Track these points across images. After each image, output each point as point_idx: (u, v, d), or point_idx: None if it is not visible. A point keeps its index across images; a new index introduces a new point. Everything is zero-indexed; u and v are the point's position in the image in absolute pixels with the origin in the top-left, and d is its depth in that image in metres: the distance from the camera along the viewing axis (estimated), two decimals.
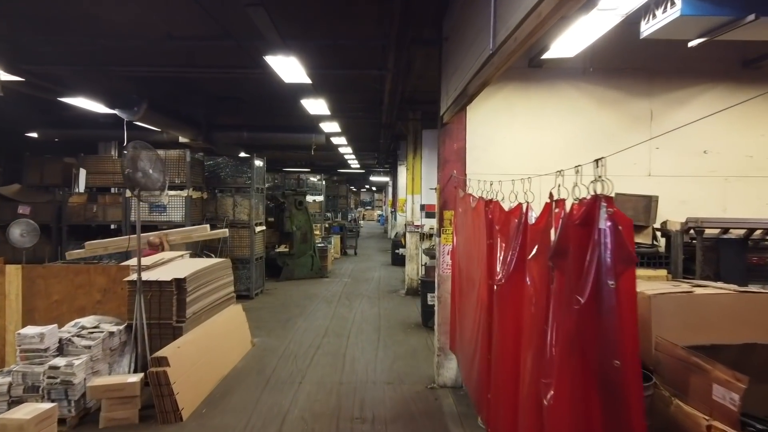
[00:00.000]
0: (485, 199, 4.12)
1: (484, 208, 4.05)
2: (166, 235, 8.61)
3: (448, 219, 6.19)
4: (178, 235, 8.88)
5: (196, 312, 6.36)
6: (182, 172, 10.42)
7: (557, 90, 6.15)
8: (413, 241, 12.37)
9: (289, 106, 11.18)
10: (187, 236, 8.73)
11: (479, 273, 4.39)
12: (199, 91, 10.84)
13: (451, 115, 5.77)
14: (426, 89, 10.37)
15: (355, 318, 9.85)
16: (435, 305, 6.49)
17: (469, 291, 4.96)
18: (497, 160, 6.19)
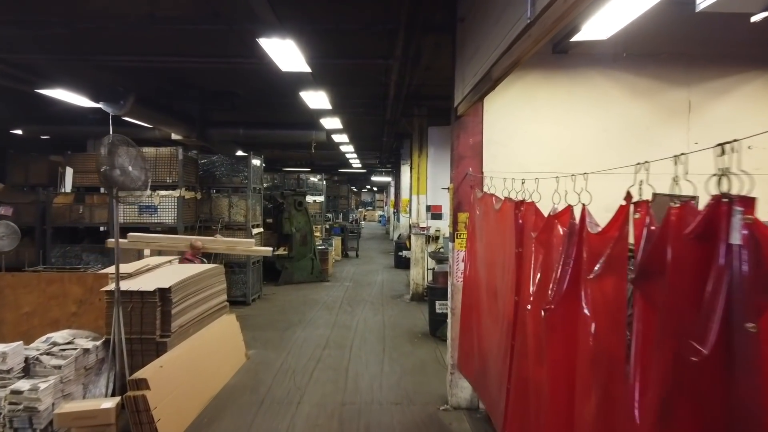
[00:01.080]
0: (514, 200, 3.49)
1: (513, 211, 3.43)
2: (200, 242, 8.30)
3: (462, 222, 5.57)
4: (221, 245, 8.59)
5: (183, 325, 5.73)
6: (174, 170, 9.81)
7: (585, 79, 5.53)
8: (419, 244, 11.75)
9: (288, 102, 10.57)
10: (231, 248, 8.46)
11: (504, 286, 3.77)
12: (193, 86, 10.23)
13: (468, 106, 5.14)
14: (433, 82, 9.76)
15: (357, 326, 9.23)
16: (448, 318, 5.87)
17: (489, 305, 4.34)
18: (518, 157, 5.56)
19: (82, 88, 7.76)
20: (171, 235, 9.27)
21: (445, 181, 12.58)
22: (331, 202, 28.15)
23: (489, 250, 4.43)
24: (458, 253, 5.59)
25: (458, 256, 5.59)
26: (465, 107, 5.22)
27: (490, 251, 4.34)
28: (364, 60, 7.30)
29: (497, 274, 4.05)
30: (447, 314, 8.71)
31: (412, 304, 11.33)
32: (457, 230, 5.59)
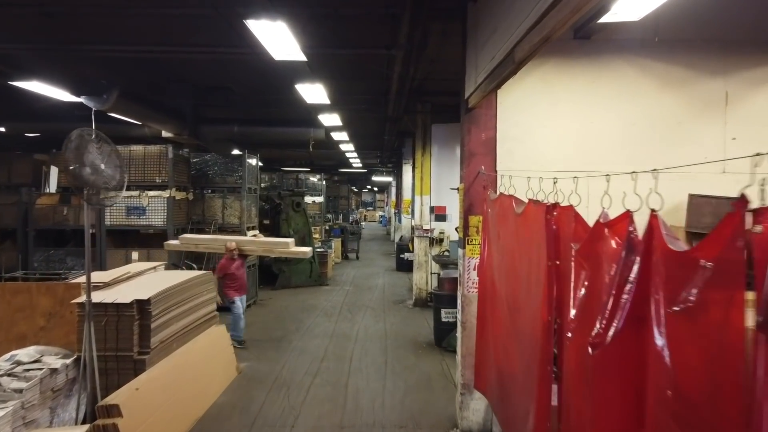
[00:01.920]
0: (543, 202, 2.94)
1: (543, 215, 2.88)
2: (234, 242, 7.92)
3: (474, 226, 5.02)
4: (257, 247, 8.16)
5: (164, 339, 5.19)
6: (163, 170, 9.27)
7: (610, 67, 4.98)
8: (422, 247, 11.20)
9: (285, 98, 10.02)
10: (268, 249, 8.09)
11: (530, 302, 3.22)
12: (185, 80, 9.69)
13: (480, 97, 4.60)
14: (439, 76, 9.23)
15: (358, 335, 8.68)
16: (457, 331, 5.32)
17: (512, 322, 3.79)
18: (535, 154, 5.02)
19: (62, 80, 7.23)
20: (218, 236, 8.91)
21: (449, 182, 12.08)
22: (331, 202, 27.63)
23: (509, 259, 3.88)
24: (469, 261, 5.04)
25: (469, 264, 5.04)
26: (477, 98, 4.67)
27: (511, 260, 3.79)
28: (365, 50, 6.75)
29: (520, 287, 3.50)
30: (454, 323, 8.19)
31: (415, 310, 10.79)
32: (468, 235, 5.04)
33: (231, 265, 7.88)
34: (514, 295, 3.70)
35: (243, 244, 8.09)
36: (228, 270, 7.87)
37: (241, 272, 8.03)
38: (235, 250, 7.89)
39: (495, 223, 4.34)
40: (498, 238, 4.25)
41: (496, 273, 4.29)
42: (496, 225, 4.30)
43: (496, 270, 4.26)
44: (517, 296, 3.60)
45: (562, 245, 2.66)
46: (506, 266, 3.98)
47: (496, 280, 4.30)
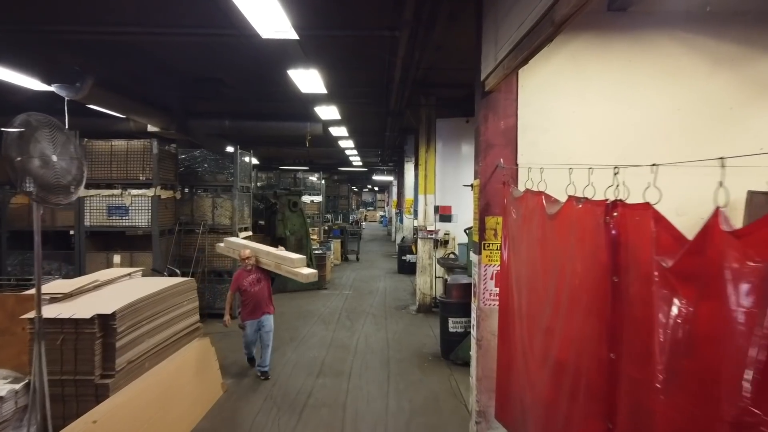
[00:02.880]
0: (601, 200, 2.25)
1: (599, 217, 2.19)
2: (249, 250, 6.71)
3: (492, 229, 4.33)
4: (271, 261, 6.55)
5: (134, 359, 4.50)
6: (148, 166, 8.57)
7: (649, 44, 4.28)
8: (426, 249, 10.51)
9: (280, 92, 9.36)
10: (278, 265, 6.39)
11: (577, 329, 2.54)
12: (170, 71, 9.00)
13: (501, 77, 3.91)
14: (445, 65, 8.53)
15: (357, 346, 7.99)
16: (471, 349, 4.63)
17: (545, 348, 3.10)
18: (562, 145, 4.33)
19: (31, 67, 6.53)
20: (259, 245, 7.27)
21: (455, 180, 11.40)
22: (331, 202, 26.95)
23: (538, 269, 3.19)
24: (486, 269, 4.35)
25: (486, 273, 4.35)
26: (496, 80, 3.98)
27: (542, 272, 3.10)
28: (366, 32, 6.06)
29: (557, 306, 2.81)
30: (462, 333, 7.51)
31: (418, 316, 10.10)
32: (484, 239, 4.35)
33: (244, 278, 6.54)
34: (548, 314, 3.01)
35: (260, 253, 6.73)
36: (240, 284, 6.54)
37: (257, 289, 6.52)
38: (250, 258, 6.53)
39: (519, 226, 3.65)
40: (523, 243, 3.56)
41: (522, 285, 3.60)
42: (520, 227, 3.61)
43: (523, 281, 3.57)
44: (553, 317, 2.91)
45: (629, 257, 1.97)
46: (535, 278, 3.29)
47: (522, 294, 3.60)
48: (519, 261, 3.69)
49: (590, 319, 2.31)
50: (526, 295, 3.54)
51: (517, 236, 3.73)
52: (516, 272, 3.77)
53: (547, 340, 3.05)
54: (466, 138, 10.89)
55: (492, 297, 4.30)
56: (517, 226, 3.69)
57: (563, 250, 2.69)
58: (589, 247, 2.31)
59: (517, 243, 3.71)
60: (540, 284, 3.21)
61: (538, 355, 3.33)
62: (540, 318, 3.25)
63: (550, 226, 2.92)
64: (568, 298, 2.68)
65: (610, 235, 2.09)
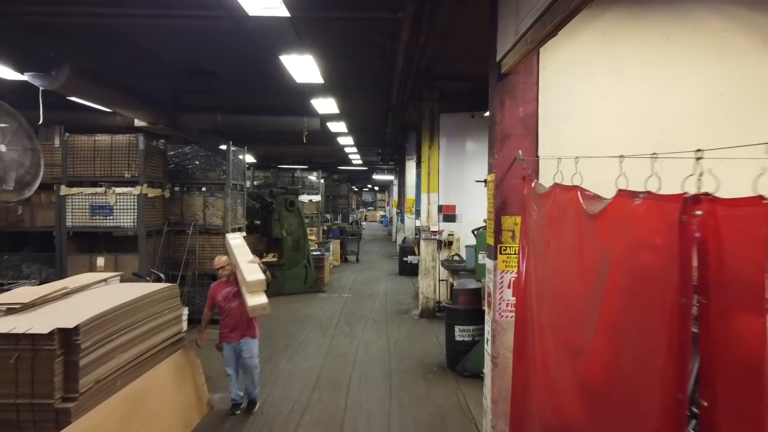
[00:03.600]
0: (676, 195, 1.71)
1: (677, 217, 1.66)
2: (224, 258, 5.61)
3: (509, 230, 3.80)
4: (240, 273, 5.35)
5: (103, 378, 3.97)
6: (133, 163, 8.05)
7: (690, 18, 3.76)
8: (429, 251, 9.99)
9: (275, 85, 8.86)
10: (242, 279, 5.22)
11: (633, 361, 2.01)
12: (159, 62, 8.47)
13: (521, 56, 3.38)
14: (449, 55, 8.01)
15: (357, 355, 7.46)
16: (485, 366, 4.10)
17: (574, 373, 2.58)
18: (590, 135, 3.80)
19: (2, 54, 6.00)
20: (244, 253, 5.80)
21: (459, 178, 10.84)
22: (330, 201, 26.41)
23: (573, 279, 2.66)
24: (503, 276, 3.82)
25: (503, 280, 3.82)
26: (516, 58, 3.45)
27: (579, 282, 2.58)
28: (365, 13, 5.53)
29: (602, 326, 2.28)
30: (470, 342, 6.98)
31: (421, 322, 9.57)
32: (500, 242, 3.82)
33: (220, 291, 5.45)
34: (585, 333, 2.48)
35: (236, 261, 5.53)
36: (215, 299, 5.48)
37: (236, 305, 5.40)
38: (225, 268, 5.41)
39: (544, 227, 3.12)
40: (548, 247, 3.03)
41: (546, 296, 3.07)
42: (545, 229, 3.08)
43: (547, 292, 3.04)
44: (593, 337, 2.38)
45: (725, 271, 1.44)
46: (566, 289, 2.77)
47: (546, 306, 3.08)
48: (542, 268, 3.16)
49: (654, 349, 1.79)
50: (551, 307, 3.02)
51: (540, 239, 3.20)
52: (538, 281, 3.24)
53: (579, 361, 2.53)
54: (471, 134, 10.36)
55: (510, 308, 3.77)
56: (541, 228, 3.16)
57: (611, 258, 2.16)
58: (654, 254, 1.79)
59: (541, 247, 3.18)
60: (573, 297, 2.68)
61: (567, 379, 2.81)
62: (571, 335, 2.73)
63: (589, 228, 2.40)
64: (616, 317, 2.16)
65: (690, 240, 1.57)
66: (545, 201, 3.10)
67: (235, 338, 5.43)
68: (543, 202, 3.14)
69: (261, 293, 4.99)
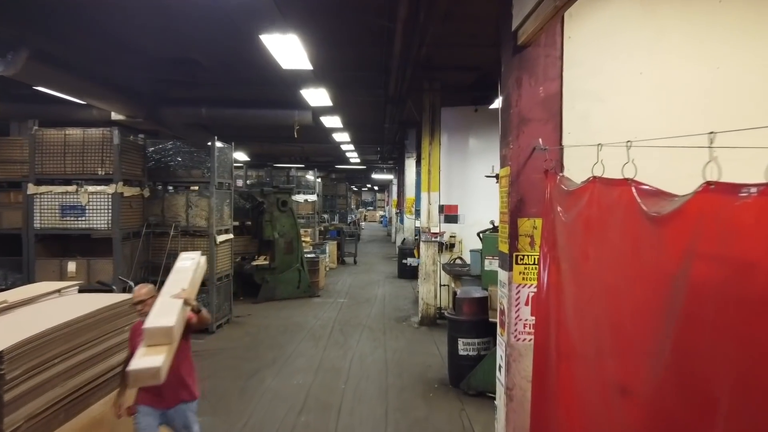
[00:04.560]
0: None
1: None
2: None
3: (527, 235, 3.14)
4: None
5: (38, 413, 3.31)
6: (107, 159, 7.38)
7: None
8: (429, 254, 9.33)
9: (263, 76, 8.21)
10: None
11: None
12: (137, 50, 7.82)
13: (544, 21, 2.72)
14: (451, 41, 7.35)
15: (351, 369, 6.80)
16: (497, 398, 3.44)
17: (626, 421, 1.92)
18: (625, 119, 3.15)
19: None
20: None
21: (462, 176, 10.10)
22: (329, 201, 25.73)
23: (625, 300, 2.00)
24: (519, 291, 3.16)
25: (520, 296, 3.16)
26: (537, 24, 2.79)
27: (633, 305, 1.92)
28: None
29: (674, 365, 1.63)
30: (475, 357, 6.31)
31: (421, 330, 8.91)
32: (517, 249, 3.16)
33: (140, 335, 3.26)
34: (649, 373, 1.82)
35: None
36: (134, 345, 3.42)
37: None
38: (145, 304, 3.45)
39: (578, 232, 2.46)
40: (587, 259, 2.36)
41: (581, 319, 2.41)
42: (581, 234, 2.42)
43: (584, 314, 2.38)
44: (664, 380, 1.72)
45: None
46: (614, 312, 2.11)
47: (581, 331, 2.42)
48: (575, 283, 2.50)
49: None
50: (588, 332, 2.36)
51: (571, 247, 2.54)
52: (568, 298, 2.58)
53: (631, 404, 1.88)
54: (474, 129, 9.72)
55: (529, 330, 3.11)
56: (573, 233, 2.50)
57: (692, 277, 1.50)
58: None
59: (573, 257, 2.52)
60: (625, 322, 2.03)
61: (610, 424, 2.16)
62: (619, 370, 2.08)
63: (653, 235, 1.74)
64: (697, 356, 1.50)
65: None
66: (577, 199, 2.44)
67: (164, 404, 3.51)
68: (574, 201, 2.48)
69: (161, 350, 3.09)
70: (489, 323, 5.94)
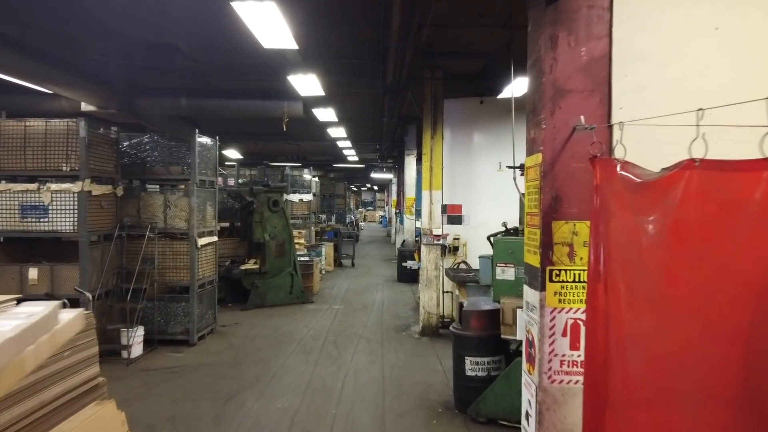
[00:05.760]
0: None
1: None
2: None
3: (565, 243, 2.38)
4: None
5: None
6: (73, 153, 6.62)
7: None
8: (431, 258, 8.57)
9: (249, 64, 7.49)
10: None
11: None
12: (110, 34, 7.07)
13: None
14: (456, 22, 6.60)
15: (344, 389, 6.04)
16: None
17: None
18: (694, 89, 2.37)
19: None
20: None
21: (467, 174, 9.26)
22: (327, 201, 24.95)
23: (746, 346, 1.23)
24: (554, 316, 2.39)
25: (554, 323, 2.39)
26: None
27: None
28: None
29: None
30: (484, 379, 5.51)
31: (422, 341, 8.15)
32: (551, 262, 2.39)
33: None
34: None
35: None
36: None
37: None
38: None
39: (658, 241, 1.69)
40: (673, 282, 1.59)
41: (673, 358, 1.65)
42: (663, 245, 1.66)
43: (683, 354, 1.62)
44: None
45: None
46: (729, 360, 1.34)
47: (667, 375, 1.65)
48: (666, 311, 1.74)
49: None
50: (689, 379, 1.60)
51: (642, 261, 1.78)
52: (644, 328, 1.82)
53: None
54: (480, 122, 8.95)
55: (568, 368, 2.34)
56: (655, 243, 1.74)
57: None
58: None
59: (646, 275, 1.75)
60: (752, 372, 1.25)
61: None
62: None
63: None
64: None
65: None
66: (658, 195, 1.68)
67: None
68: (652, 198, 1.71)
69: None
70: (500, 340, 5.18)
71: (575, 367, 2.34)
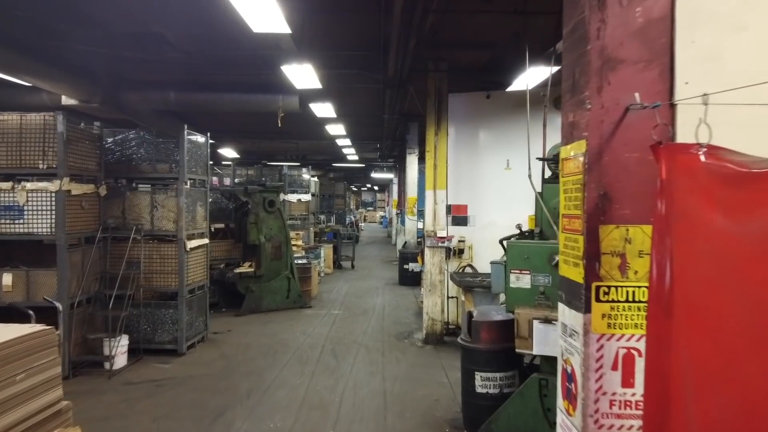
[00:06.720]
0: None
1: None
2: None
3: (615, 253, 1.89)
4: None
5: None
6: (50, 149, 6.14)
7: None
8: (435, 262, 8.08)
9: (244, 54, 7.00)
10: None
11: None
12: (93, 23, 6.59)
13: None
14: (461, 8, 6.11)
15: (342, 405, 5.55)
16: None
17: None
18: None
19: None
20: None
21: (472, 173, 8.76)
22: (326, 201, 24.46)
23: None
24: (602, 345, 1.90)
25: (602, 354, 1.90)
26: None
27: None
28: None
29: None
30: (496, 397, 5.03)
31: (426, 350, 7.67)
32: (598, 277, 1.90)
33: None
34: None
35: None
36: None
37: None
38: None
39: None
40: None
41: None
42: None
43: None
44: None
45: None
46: None
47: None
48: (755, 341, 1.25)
49: None
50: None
51: (744, 274, 1.29)
52: (731, 364, 1.34)
53: None
54: (487, 118, 8.47)
55: (620, 411, 1.86)
56: (754, 252, 1.24)
57: None
58: None
59: (748, 292, 1.26)
60: None
61: None
62: None
63: None
64: None
65: None
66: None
67: None
68: (756, 196, 1.22)
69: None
70: (514, 354, 4.70)
71: (629, 409, 1.86)
